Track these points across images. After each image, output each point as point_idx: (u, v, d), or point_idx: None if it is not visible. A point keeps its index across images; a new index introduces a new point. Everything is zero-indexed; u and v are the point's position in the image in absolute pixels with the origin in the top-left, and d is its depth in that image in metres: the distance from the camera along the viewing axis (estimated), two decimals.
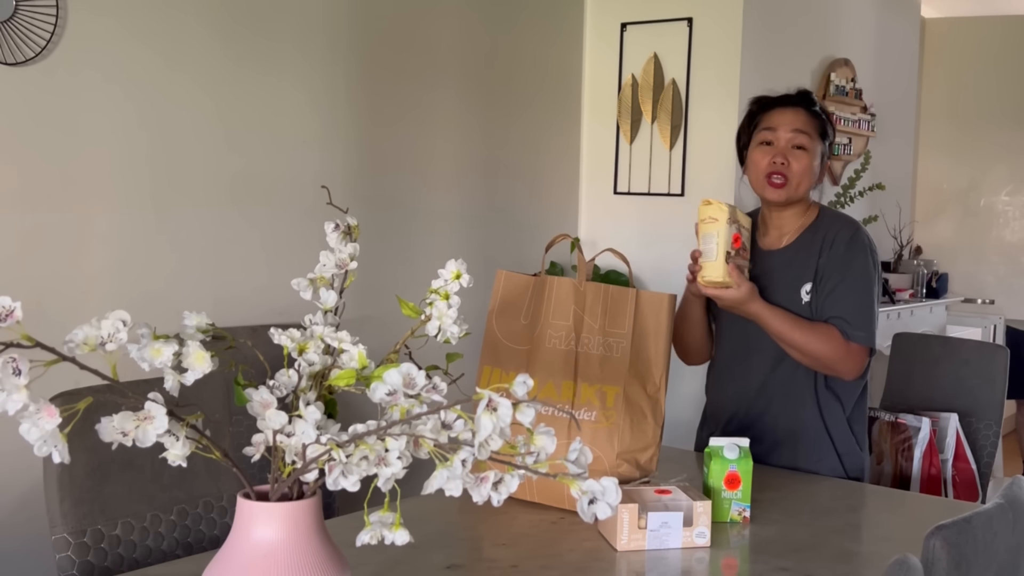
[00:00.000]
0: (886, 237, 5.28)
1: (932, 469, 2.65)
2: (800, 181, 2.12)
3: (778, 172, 2.11)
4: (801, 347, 2.05)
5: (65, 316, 2.46)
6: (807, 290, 2.12)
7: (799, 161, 2.11)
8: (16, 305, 1.00)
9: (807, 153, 2.12)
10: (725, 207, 1.98)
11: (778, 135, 2.13)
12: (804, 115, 2.14)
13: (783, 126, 2.13)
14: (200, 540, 1.76)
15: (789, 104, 2.16)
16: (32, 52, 2.44)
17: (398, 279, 3.33)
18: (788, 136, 2.12)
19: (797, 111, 2.14)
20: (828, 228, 2.15)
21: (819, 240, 2.14)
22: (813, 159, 2.13)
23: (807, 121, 2.14)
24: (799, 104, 2.16)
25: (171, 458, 1.11)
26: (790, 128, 2.12)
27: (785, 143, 2.12)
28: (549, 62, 4.04)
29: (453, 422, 1.06)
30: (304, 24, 3.09)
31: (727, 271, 1.95)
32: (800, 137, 2.11)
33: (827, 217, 2.20)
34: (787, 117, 2.14)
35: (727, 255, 1.96)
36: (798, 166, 2.11)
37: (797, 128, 2.12)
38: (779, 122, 2.14)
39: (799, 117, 2.14)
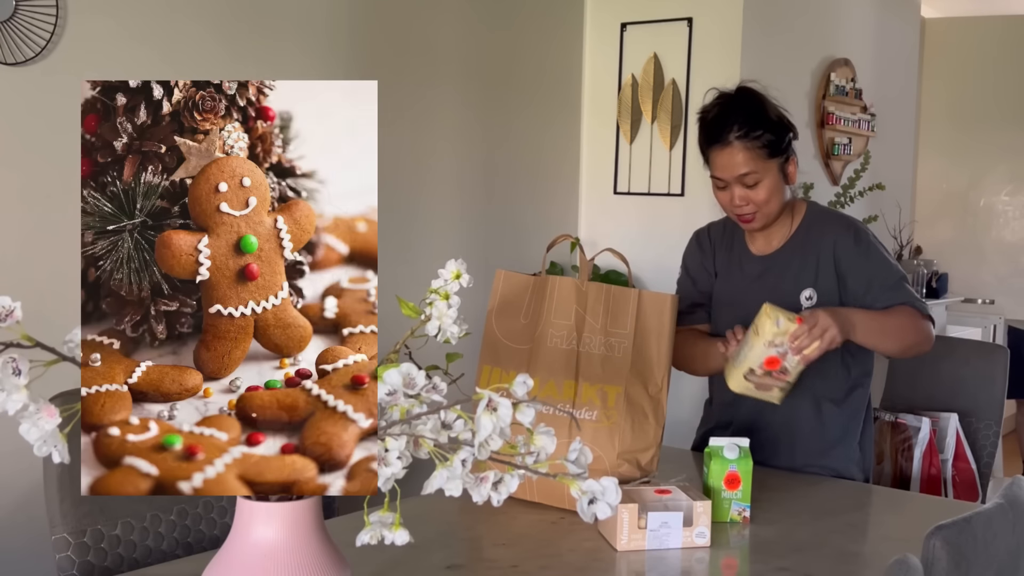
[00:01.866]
0: (886, 237, 5.28)
1: (932, 469, 2.65)
2: (768, 207, 2.07)
3: (742, 213, 2.08)
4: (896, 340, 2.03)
5: (65, 316, 2.46)
6: (807, 296, 2.09)
7: (757, 194, 2.04)
8: (16, 305, 1.00)
9: (762, 182, 2.04)
10: (773, 326, 1.84)
11: (727, 180, 2.05)
12: (742, 152, 2.02)
13: (727, 171, 2.04)
14: (200, 540, 1.76)
15: (724, 144, 2.03)
16: (32, 52, 2.44)
17: (398, 279, 3.33)
18: (735, 179, 2.04)
19: (733, 151, 2.02)
20: (821, 231, 2.12)
21: (812, 243, 2.11)
22: (771, 181, 2.05)
23: (747, 158, 2.02)
24: (735, 139, 2.02)
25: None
26: (733, 173, 2.03)
27: (736, 186, 2.05)
28: (549, 62, 4.04)
29: (453, 422, 1.06)
30: (304, 24, 3.09)
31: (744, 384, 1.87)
32: (747, 177, 2.03)
33: (815, 217, 2.16)
34: (727, 161, 2.04)
35: (749, 371, 1.86)
36: (758, 198, 2.05)
37: (740, 172, 2.02)
38: (722, 168, 2.05)
39: (737, 158, 2.02)
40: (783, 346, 1.82)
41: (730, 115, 2.04)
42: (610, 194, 4.15)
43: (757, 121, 2.03)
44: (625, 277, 3.34)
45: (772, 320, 1.83)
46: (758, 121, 2.04)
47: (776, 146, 2.05)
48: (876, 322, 2.00)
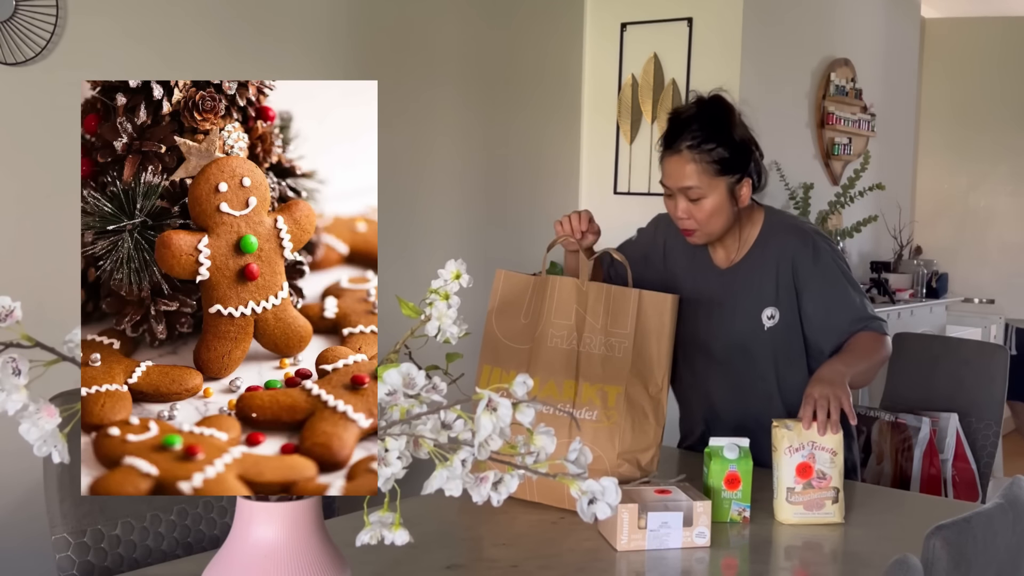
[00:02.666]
0: (886, 237, 5.28)
1: (932, 469, 2.65)
2: (710, 226, 2.02)
3: (683, 226, 2.05)
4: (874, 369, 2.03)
5: (65, 316, 2.46)
6: (768, 315, 2.07)
7: (700, 211, 2.00)
8: (16, 305, 1.00)
9: (706, 199, 1.98)
10: (785, 431, 1.78)
11: (672, 189, 2.02)
12: (690, 164, 1.96)
13: (672, 181, 2.00)
14: (200, 540, 1.76)
15: (675, 151, 1.98)
16: (32, 52, 2.44)
17: (398, 279, 3.33)
18: (679, 190, 2.00)
19: (682, 161, 1.97)
20: (779, 242, 2.07)
21: (771, 258, 2.07)
22: (716, 200, 1.99)
23: (695, 171, 1.96)
24: (686, 148, 1.97)
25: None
26: (678, 184, 1.99)
27: (681, 197, 2.01)
28: (549, 62, 4.04)
29: (453, 422, 1.06)
30: (304, 23, 3.09)
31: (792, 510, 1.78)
32: (692, 191, 1.98)
33: (772, 228, 2.10)
34: (675, 170, 1.99)
35: (789, 493, 1.78)
36: (700, 215, 2.00)
37: (685, 184, 1.98)
38: (668, 175, 2.01)
39: (684, 169, 1.97)
40: (806, 448, 1.77)
41: (690, 123, 1.98)
42: (610, 194, 4.15)
43: (714, 135, 1.97)
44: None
45: (781, 428, 1.79)
46: (715, 135, 1.97)
47: (728, 164, 1.98)
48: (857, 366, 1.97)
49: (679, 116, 2.02)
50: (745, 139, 2.02)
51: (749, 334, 2.09)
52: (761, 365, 2.10)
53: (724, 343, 2.12)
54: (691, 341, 2.12)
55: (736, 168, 1.99)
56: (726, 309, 2.10)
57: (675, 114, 2.04)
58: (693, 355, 2.15)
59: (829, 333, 2.05)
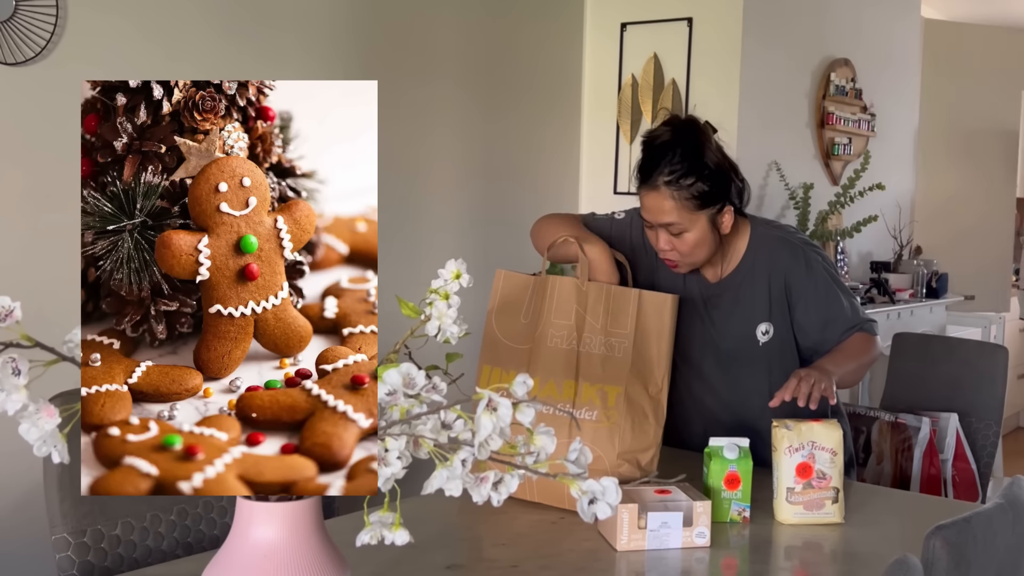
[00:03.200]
0: (886, 237, 5.28)
1: (932, 469, 2.65)
2: (693, 256, 1.99)
3: (666, 258, 2.02)
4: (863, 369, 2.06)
5: (65, 316, 2.46)
6: (763, 330, 2.06)
7: (683, 243, 1.96)
8: (16, 305, 1.00)
9: (687, 232, 1.95)
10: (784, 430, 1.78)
11: (651, 223, 1.97)
12: (668, 200, 1.91)
13: (651, 215, 1.95)
14: (200, 540, 1.76)
15: (652, 187, 1.92)
16: (32, 52, 2.44)
17: (398, 279, 3.33)
18: (660, 226, 1.96)
19: (660, 197, 1.92)
20: (770, 257, 2.05)
21: (762, 273, 2.05)
22: (698, 233, 1.95)
23: (673, 207, 1.91)
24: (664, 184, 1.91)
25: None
26: (657, 221, 1.95)
27: (661, 231, 1.96)
28: (549, 62, 4.04)
29: (453, 422, 1.06)
30: (305, 22, 3.09)
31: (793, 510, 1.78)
32: (672, 227, 1.94)
33: (760, 241, 2.06)
34: (653, 205, 1.94)
35: (789, 493, 1.77)
36: (683, 247, 1.97)
37: (664, 221, 1.93)
38: (647, 209, 1.96)
39: (663, 207, 1.92)
40: (805, 448, 1.77)
41: (665, 154, 1.92)
42: (610, 194, 4.15)
43: (691, 167, 1.91)
44: None
45: (781, 428, 1.79)
46: (692, 167, 1.91)
47: (708, 197, 1.93)
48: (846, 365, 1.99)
49: (653, 143, 1.95)
50: (722, 166, 1.95)
51: (743, 350, 2.08)
52: (756, 379, 2.08)
53: (715, 358, 2.10)
54: (681, 353, 2.08)
55: (716, 199, 1.94)
56: (717, 324, 2.09)
57: (649, 140, 1.96)
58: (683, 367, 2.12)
59: (823, 344, 2.06)
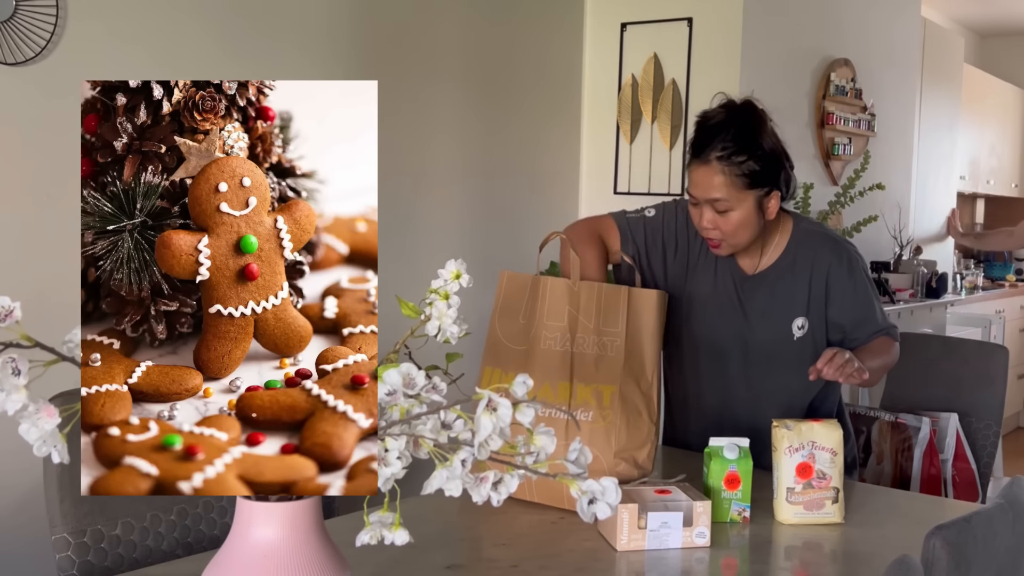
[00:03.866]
0: (886, 237, 5.28)
1: (932, 469, 2.65)
2: (736, 238, 1.98)
3: (708, 237, 2.00)
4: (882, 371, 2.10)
5: (65, 316, 2.46)
6: (799, 324, 2.05)
7: (727, 223, 1.95)
8: (16, 305, 1.00)
9: (734, 211, 1.94)
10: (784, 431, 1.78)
11: (698, 199, 1.96)
12: (719, 176, 1.91)
13: (699, 190, 1.94)
14: (200, 540, 1.76)
15: (704, 162, 1.92)
16: (32, 52, 2.44)
17: (398, 279, 3.33)
18: (706, 202, 1.95)
19: (710, 172, 1.91)
20: (812, 253, 2.04)
21: (804, 268, 2.04)
22: (743, 213, 1.94)
23: (723, 183, 1.91)
24: (716, 159, 1.91)
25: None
26: (705, 196, 1.94)
27: (708, 208, 1.95)
28: (549, 62, 4.04)
29: (453, 422, 1.06)
30: (304, 24, 3.09)
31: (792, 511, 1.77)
32: (719, 203, 1.93)
33: (801, 236, 2.07)
34: (702, 180, 1.93)
35: (789, 493, 1.77)
36: (727, 226, 1.95)
37: (712, 196, 1.92)
38: (695, 184, 1.95)
39: (712, 182, 1.92)
40: (806, 448, 1.77)
41: (719, 132, 1.92)
42: (610, 194, 4.15)
43: (745, 146, 1.91)
44: None
45: (781, 428, 1.78)
46: (746, 146, 1.91)
47: (758, 178, 1.93)
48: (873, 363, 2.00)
49: (708, 122, 1.96)
50: (775, 150, 1.96)
51: (777, 343, 2.06)
52: (786, 374, 2.07)
53: (744, 352, 2.09)
54: (708, 346, 2.09)
55: (766, 181, 1.94)
56: (750, 318, 2.07)
57: (703, 119, 1.97)
58: (709, 361, 2.11)
59: (851, 343, 2.07)
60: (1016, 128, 7.47)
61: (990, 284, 6.72)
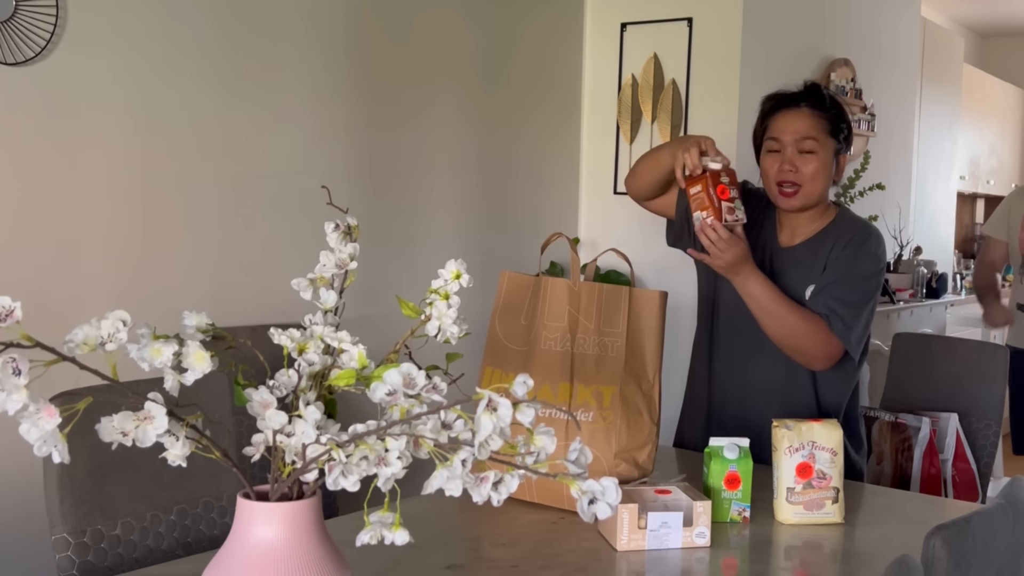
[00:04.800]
0: (886, 237, 5.28)
1: (932, 469, 2.65)
2: (813, 185, 2.08)
3: (787, 180, 2.08)
4: (780, 320, 2.01)
5: (65, 316, 2.46)
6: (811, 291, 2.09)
7: (808, 164, 2.07)
8: (16, 305, 1.00)
9: (816, 156, 2.07)
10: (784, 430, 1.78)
11: (784, 141, 2.08)
12: (808, 118, 2.08)
13: (787, 132, 2.08)
14: (200, 540, 1.76)
15: (793, 105, 2.10)
16: (32, 52, 2.44)
17: (398, 279, 3.33)
18: (794, 142, 2.07)
19: (800, 114, 2.09)
20: (841, 233, 2.12)
21: (829, 244, 2.11)
22: (824, 159, 2.08)
23: (812, 124, 2.08)
24: (804, 104, 2.10)
25: (171, 458, 1.11)
26: (794, 135, 2.07)
27: (792, 149, 2.07)
28: (549, 62, 4.04)
29: (453, 422, 1.06)
30: (305, 24, 3.09)
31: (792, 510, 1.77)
32: (806, 142, 2.07)
33: (843, 221, 2.15)
34: (791, 122, 2.09)
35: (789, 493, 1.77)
36: (808, 169, 2.07)
37: (801, 135, 2.07)
38: (783, 128, 2.09)
39: (802, 121, 2.08)
40: (806, 448, 1.77)
41: (805, 91, 2.13)
42: (610, 194, 4.15)
43: (830, 102, 2.12)
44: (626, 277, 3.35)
45: (781, 428, 1.79)
46: (830, 102, 2.13)
47: (838, 129, 2.11)
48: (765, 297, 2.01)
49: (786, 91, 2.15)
50: (847, 117, 2.15)
51: None
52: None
53: None
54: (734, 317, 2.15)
55: (842, 135, 2.12)
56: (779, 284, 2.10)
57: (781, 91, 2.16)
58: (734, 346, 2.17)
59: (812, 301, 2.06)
60: (1016, 128, 7.47)
61: None
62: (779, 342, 2.05)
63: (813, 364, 2.07)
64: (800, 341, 2.04)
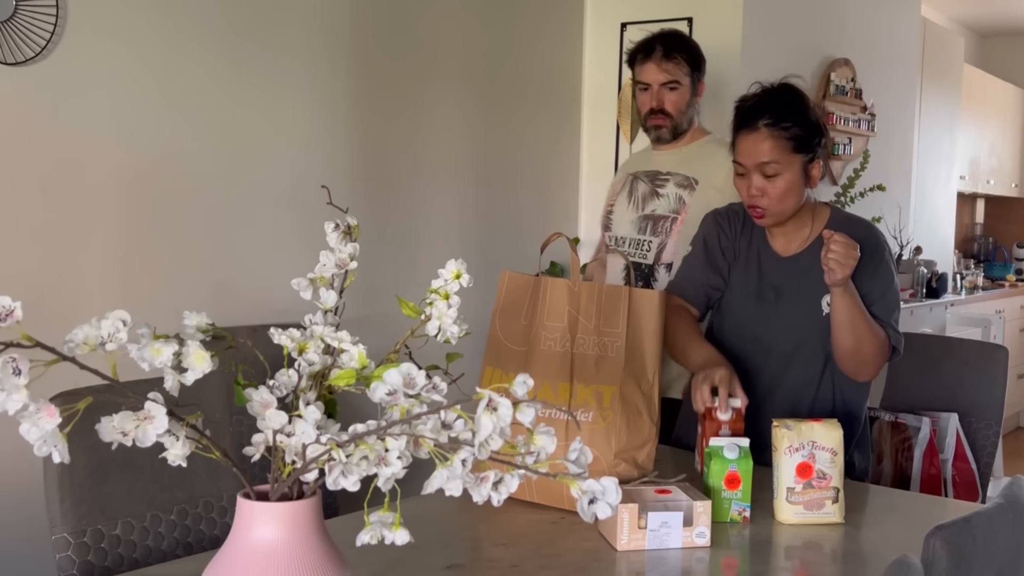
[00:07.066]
0: (886, 237, 5.29)
1: (932, 469, 2.65)
2: (781, 205, 2.05)
3: (755, 205, 2.06)
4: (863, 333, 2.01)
5: (65, 316, 2.46)
6: (828, 301, 2.08)
7: (775, 187, 2.03)
8: (16, 305, 1.00)
9: (781, 176, 2.03)
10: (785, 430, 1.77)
11: (747, 167, 2.04)
12: (767, 140, 2.01)
13: (748, 157, 2.03)
14: (200, 540, 1.76)
15: (751, 128, 2.03)
16: (32, 52, 2.44)
17: (398, 279, 3.33)
18: (755, 167, 2.03)
19: (759, 137, 2.02)
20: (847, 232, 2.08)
21: None
22: (790, 178, 2.03)
23: (772, 147, 2.01)
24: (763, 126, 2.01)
25: (171, 458, 1.11)
26: (755, 159, 2.02)
27: (756, 174, 2.03)
28: (549, 62, 4.04)
29: (453, 422, 1.06)
30: (305, 25, 3.09)
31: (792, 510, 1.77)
32: (768, 167, 2.02)
33: (836, 223, 2.13)
34: (751, 147, 2.03)
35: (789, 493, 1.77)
36: (775, 192, 2.03)
37: (762, 159, 2.02)
38: (744, 153, 2.04)
39: (761, 145, 2.02)
40: (806, 448, 1.77)
41: (765, 104, 2.04)
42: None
43: (790, 114, 2.02)
44: None
45: (781, 428, 1.78)
46: (791, 114, 2.02)
47: (803, 142, 2.03)
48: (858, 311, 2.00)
49: (747, 100, 2.07)
50: (817, 121, 2.07)
51: (808, 320, 2.11)
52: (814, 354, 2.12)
53: (779, 330, 2.14)
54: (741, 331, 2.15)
55: (810, 147, 2.04)
56: (785, 296, 2.12)
57: (743, 100, 2.08)
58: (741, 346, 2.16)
59: None
60: (1016, 128, 7.47)
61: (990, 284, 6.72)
62: (848, 352, 2.05)
63: (867, 375, 2.10)
64: (870, 353, 2.05)
